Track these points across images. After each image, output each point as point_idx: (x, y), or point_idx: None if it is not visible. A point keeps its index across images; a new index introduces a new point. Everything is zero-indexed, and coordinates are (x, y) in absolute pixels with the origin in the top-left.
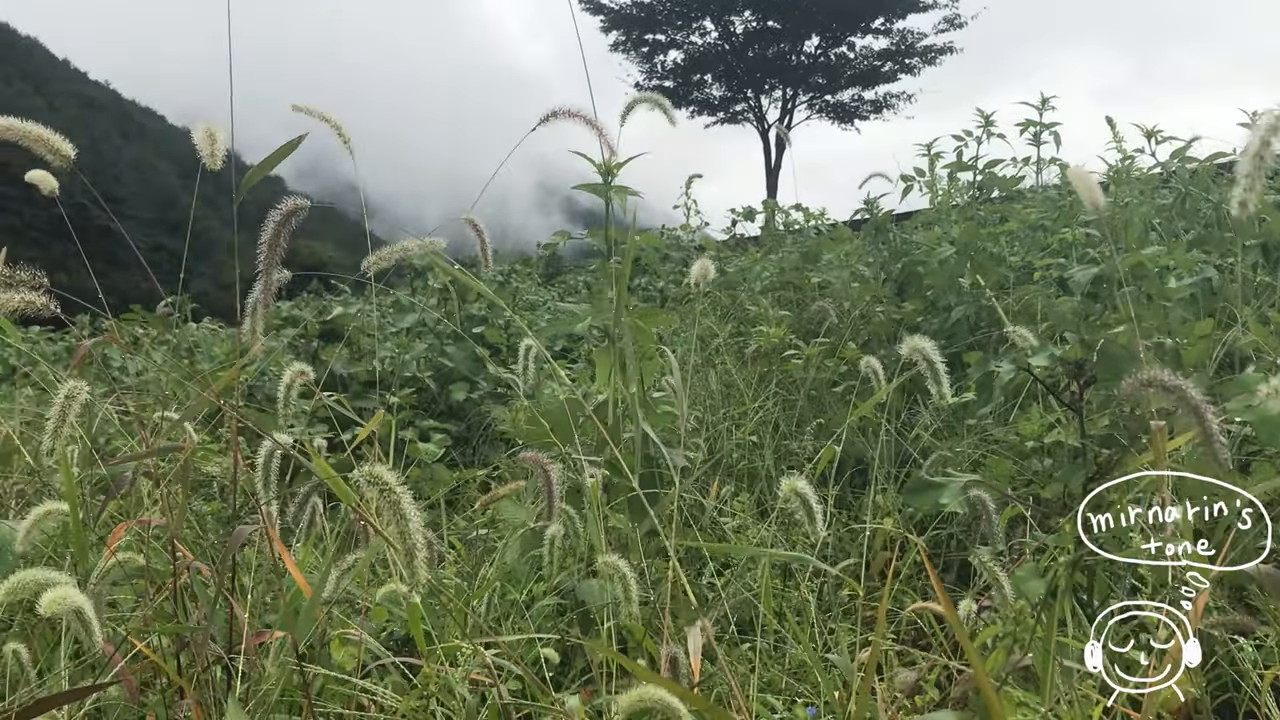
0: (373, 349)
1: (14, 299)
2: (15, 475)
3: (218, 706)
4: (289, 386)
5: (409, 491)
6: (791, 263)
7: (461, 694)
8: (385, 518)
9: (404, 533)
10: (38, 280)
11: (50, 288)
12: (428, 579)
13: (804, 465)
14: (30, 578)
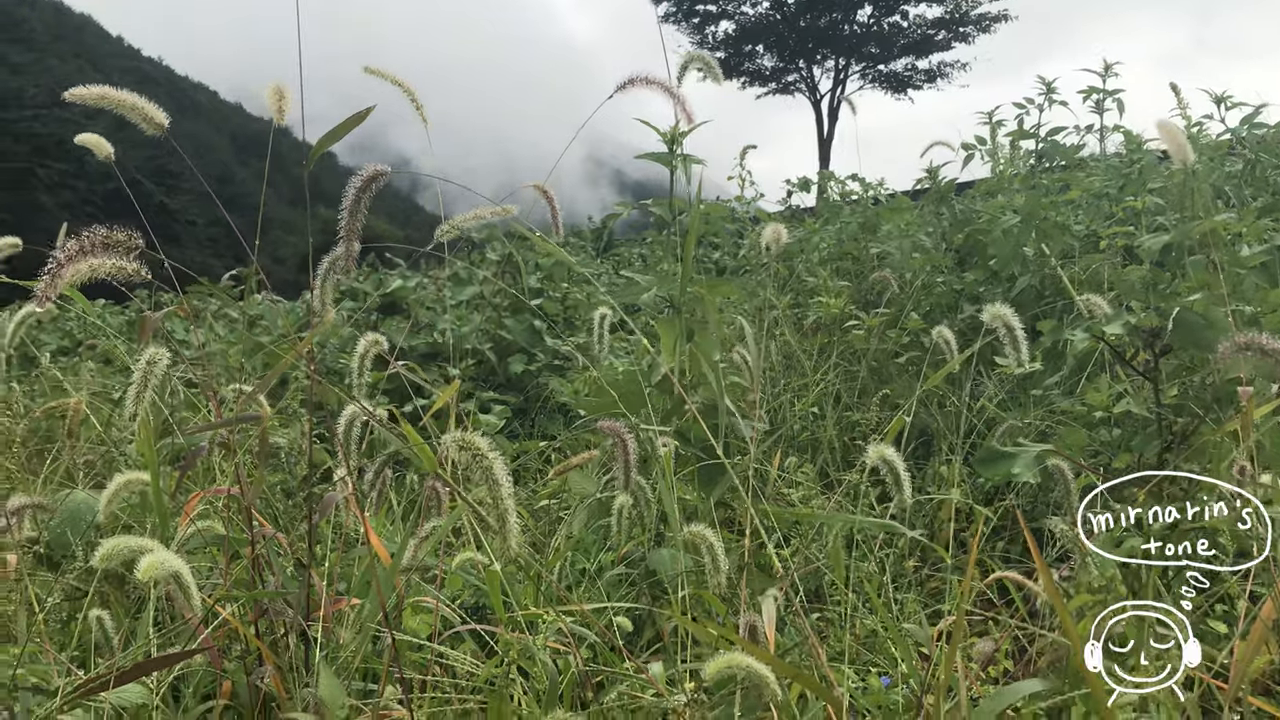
0: (431, 322)
1: (105, 264)
2: (82, 446)
3: (296, 673)
4: (363, 356)
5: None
6: (850, 233)
7: (543, 660)
8: (477, 483)
9: (496, 498)
10: (133, 241)
11: (145, 250)
12: (521, 543)
13: (869, 436)
14: (125, 544)
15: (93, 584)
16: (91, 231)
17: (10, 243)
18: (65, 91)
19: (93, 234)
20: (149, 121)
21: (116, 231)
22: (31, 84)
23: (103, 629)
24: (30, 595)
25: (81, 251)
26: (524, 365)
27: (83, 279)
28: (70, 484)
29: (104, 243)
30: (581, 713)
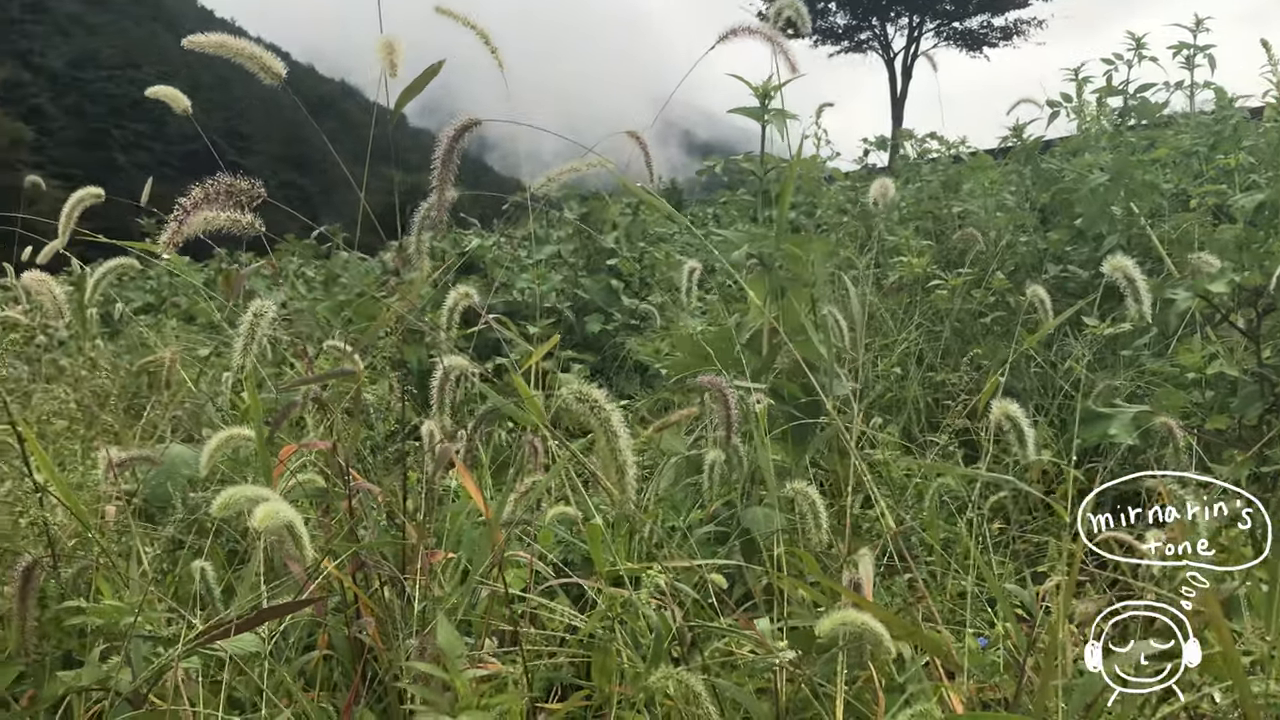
0: (508, 281)
1: (221, 216)
2: (169, 401)
3: (394, 625)
4: (451, 310)
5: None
6: (931, 192)
7: (647, 615)
8: (596, 435)
9: (614, 449)
10: (256, 191)
11: (268, 200)
12: (635, 496)
13: (955, 397)
14: (242, 493)
15: (190, 536)
16: (216, 180)
17: (93, 193)
18: (138, 51)
19: (217, 182)
20: (267, 71)
21: (240, 181)
22: (107, 45)
23: (205, 580)
24: (138, 547)
25: (206, 199)
26: (601, 325)
27: (201, 230)
28: (158, 439)
29: (228, 190)
30: (686, 667)
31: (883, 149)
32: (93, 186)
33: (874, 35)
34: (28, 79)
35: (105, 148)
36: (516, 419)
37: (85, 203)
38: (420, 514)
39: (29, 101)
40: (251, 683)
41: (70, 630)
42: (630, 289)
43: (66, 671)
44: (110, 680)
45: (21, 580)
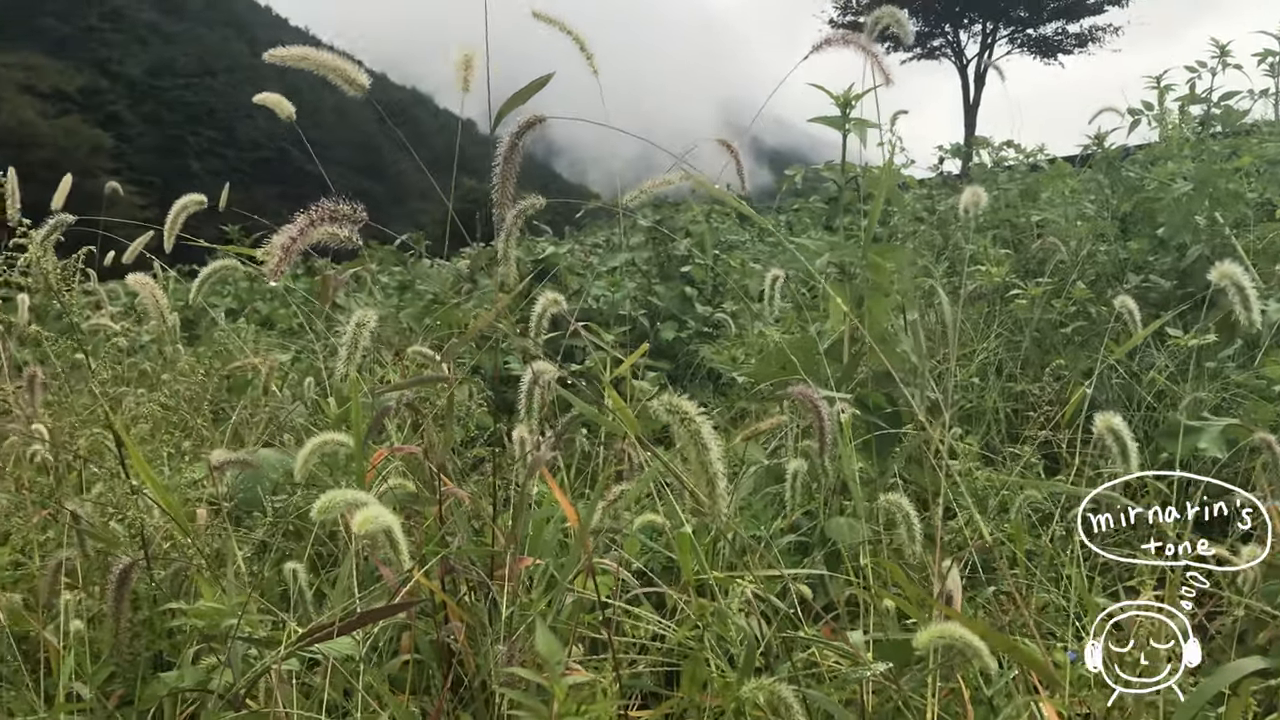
0: (581, 288)
1: (321, 231)
2: (250, 406)
3: (482, 630)
4: (540, 316)
5: (708, 421)
6: (1009, 200)
7: (739, 624)
8: (684, 447)
9: (704, 462)
10: (359, 215)
11: (367, 221)
12: (727, 509)
13: (1037, 407)
14: (341, 498)
15: (275, 539)
16: (320, 205)
17: (196, 199)
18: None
19: (321, 207)
20: (351, 83)
21: (342, 204)
22: (182, 53)
23: (297, 583)
24: (233, 549)
25: (312, 223)
26: (675, 332)
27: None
28: (240, 444)
29: (331, 215)
30: (778, 678)
31: (958, 156)
32: (195, 195)
33: (947, 42)
34: (106, 86)
35: (181, 155)
36: (605, 427)
37: (189, 209)
38: (509, 520)
39: (107, 109)
40: (338, 685)
41: (160, 631)
42: (703, 296)
43: (168, 673)
44: (211, 682)
45: (118, 582)
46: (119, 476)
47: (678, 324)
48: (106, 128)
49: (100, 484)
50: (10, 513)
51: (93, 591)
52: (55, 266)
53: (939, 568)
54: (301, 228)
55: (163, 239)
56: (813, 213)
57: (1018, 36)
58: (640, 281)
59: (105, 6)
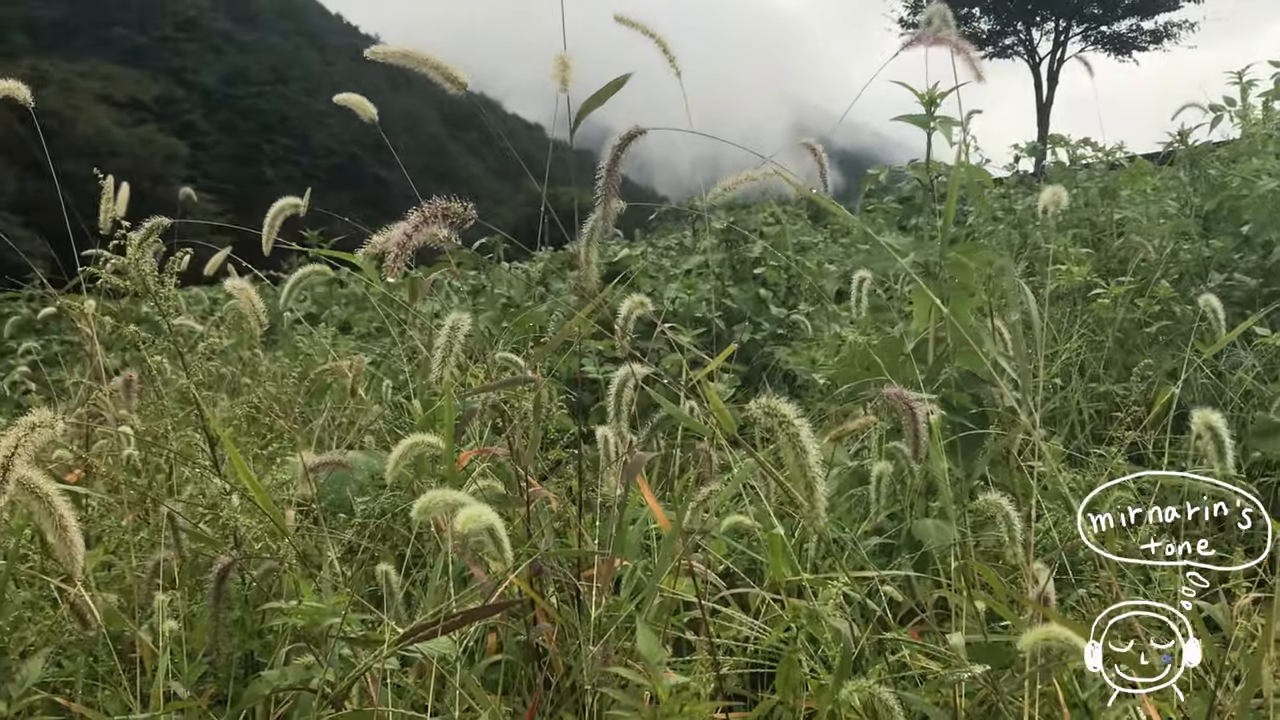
0: (655, 290)
1: (422, 233)
2: (332, 410)
3: (570, 631)
4: (627, 318)
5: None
6: (1088, 198)
7: (834, 626)
8: (782, 450)
9: (803, 465)
10: (468, 214)
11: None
12: (825, 512)
13: (1121, 408)
14: (440, 498)
15: (363, 540)
16: (430, 203)
17: (292, 203)
18: (285, 67)
19: (432, 206)
20: (452, 80)
21: (454, 204)
22: (256, 62)
23: (388, 583)
24: (328, 550)
25: (425, 221)
26: (750, 334)
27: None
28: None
29: (443, 214)
30: (876, 680)
31: (1033, 155)
32: (291, 198)
33: (1019, 40)
34: (181, 95)
35: (255, 162)
36: (693, 429)
37: (286, 212)
38: (592, 522)
39: (182, 117)
40: (429, 685)
41: (252, 631)
42: (778, 298)
43: (269, 672)
44: (312, 680)
45: (217, 581)
46: (211, 478)
47: (752, 326)
48: (182, 136)
49: (191, 485)
50: (102, 514)
51: (187, 592)
52: (153, 269)
53: (1030, 569)
54: (415, 225)
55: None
56: (886, 213)
57: (1091, 34)
58: (715, 284)
59: (180, 16)
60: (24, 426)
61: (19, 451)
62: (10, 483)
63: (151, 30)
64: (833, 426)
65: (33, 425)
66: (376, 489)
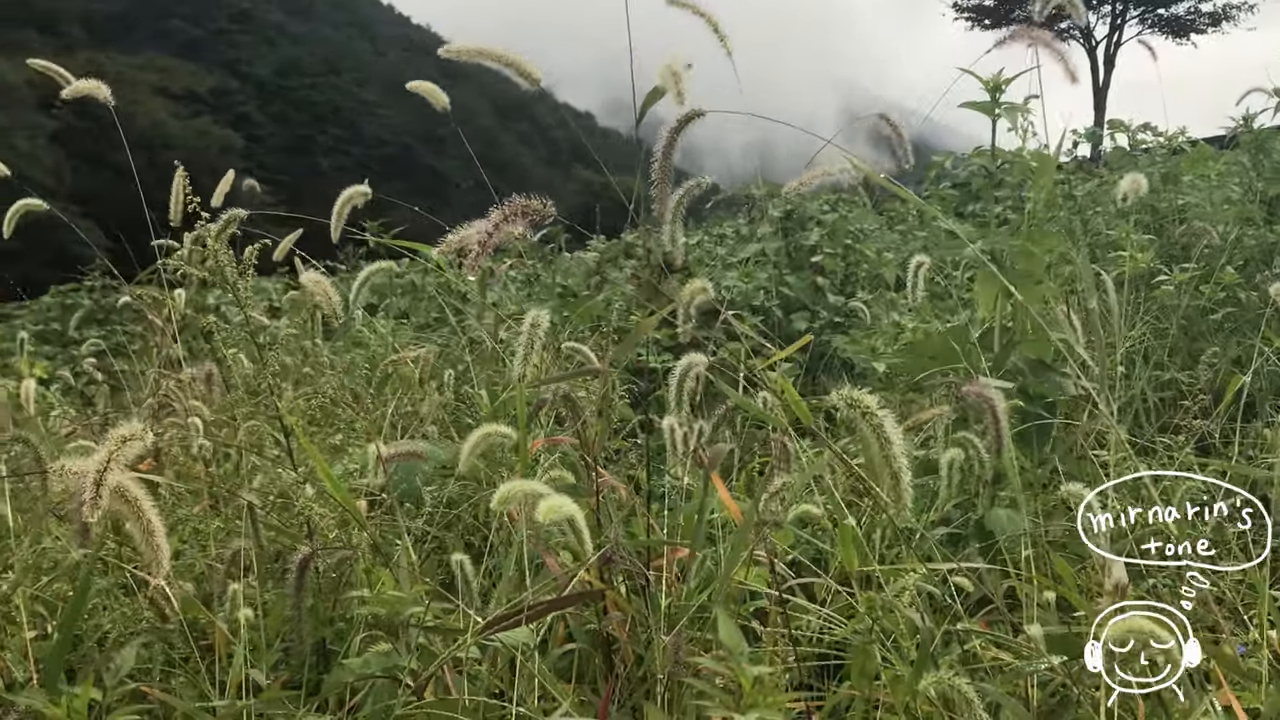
0: (710, 278)
1: (503, 231)
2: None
3: (640, 621)
4: (688, 304)
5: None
6: (1150, 184)
7: (910, 617)
8: (868, 441)
9: (888, 456)
10: (547, 210)
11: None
12: (909, 503)
13: (1187, 396)
14: (520, 488)
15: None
16: (510, 201)
17: (361, 191)
18: (341, 59)
19: (513, 203)
20: (526, 76)
21: (533, 201)
22: (309, 53)
23: (463, 572)
24: (405, 540)
25: (505, 219)
26: (807, 322)
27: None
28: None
29: (523, 210)
30: (954, 672)
31: (1091, 140)
32: (360, 186)
33: (1074, 23)
34: (235, 87)
35: (309, 153)
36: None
37: (353, 201)
38: (659, 511)
39: (237, 109)
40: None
41: (324, 619)
42: (835, 286)
43: (352, 659)
44: (396, 668)
45: (298, 571)
46: (282, 467)
47: (809, 314)
48: (236, 128)
49: (261, 475)
50: (174, 504)
51: (261, 581)
52: (230, 261)
53: (1107, 560)
54: (495, 223)
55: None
56: (944, 199)
57: (1149, 16)
58: (772, 272)
59: (234, 9)
60: (115, 440)
61: (111, 465)
62: (104, 497)
63: (206, 23)
64: (896, 416)
65: (124, 439)
66: (443, 478)
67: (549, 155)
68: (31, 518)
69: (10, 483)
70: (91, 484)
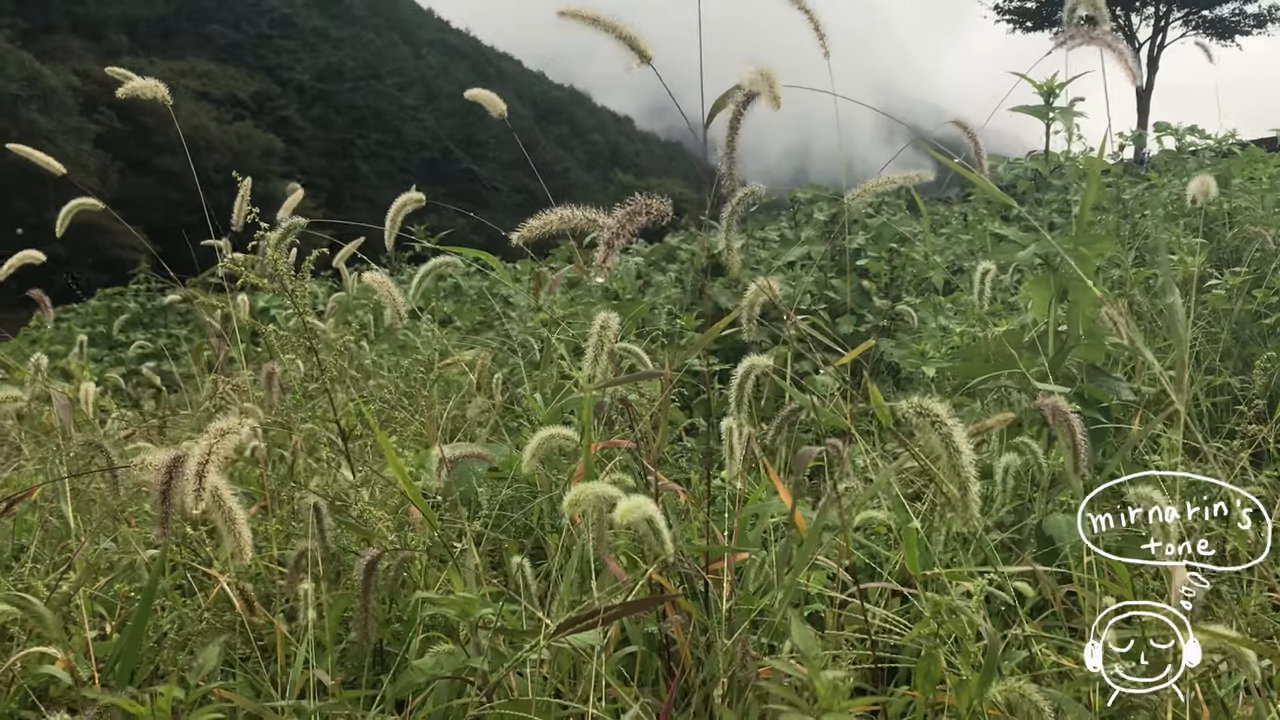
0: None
1: (630, 227)
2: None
3: (700, 625)
4: (751, 305)
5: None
6: None
7: (975, 621)
8: (935, 450)
9: (957, 465)
10: (666, 207)
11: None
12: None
13: (1240, 401)
14: (592, 490)
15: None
16: (636, 198)
17: (415, 198)
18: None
19: (636, 201)
20: (639, 52)
21: (654, 199)
22: (350, 58)
23: (524, 575)
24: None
25: (631, 217)
26: (853, 326)
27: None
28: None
29: (645, 208)
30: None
31: (1137, 143)
32: (415, 193)
33: (1118, 25)
34: (277, 92)
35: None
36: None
37: (409, 207)
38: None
39: (278, 113)
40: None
41: (381, 620)
42: (880, 290)
43: (422, 660)
44: (469, 669)
45: (366, 572)
46: (337, 470)
47: (855, 318)
48: (277, 131)
49: (317, 477)
50: None
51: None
52: (289, 267)
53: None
54: (621, 222)
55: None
56: (987, 203)
57: (1192, 18)
58: (817, 275)
59: (275, 14)
60: (214, 433)
61: (211, 458)
62: (207, 489)
63: (247, 28)
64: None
65: (222, 432)
66: (495, 481)
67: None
68: (92, 518)
69: (74, 483)
70: (195, 474)
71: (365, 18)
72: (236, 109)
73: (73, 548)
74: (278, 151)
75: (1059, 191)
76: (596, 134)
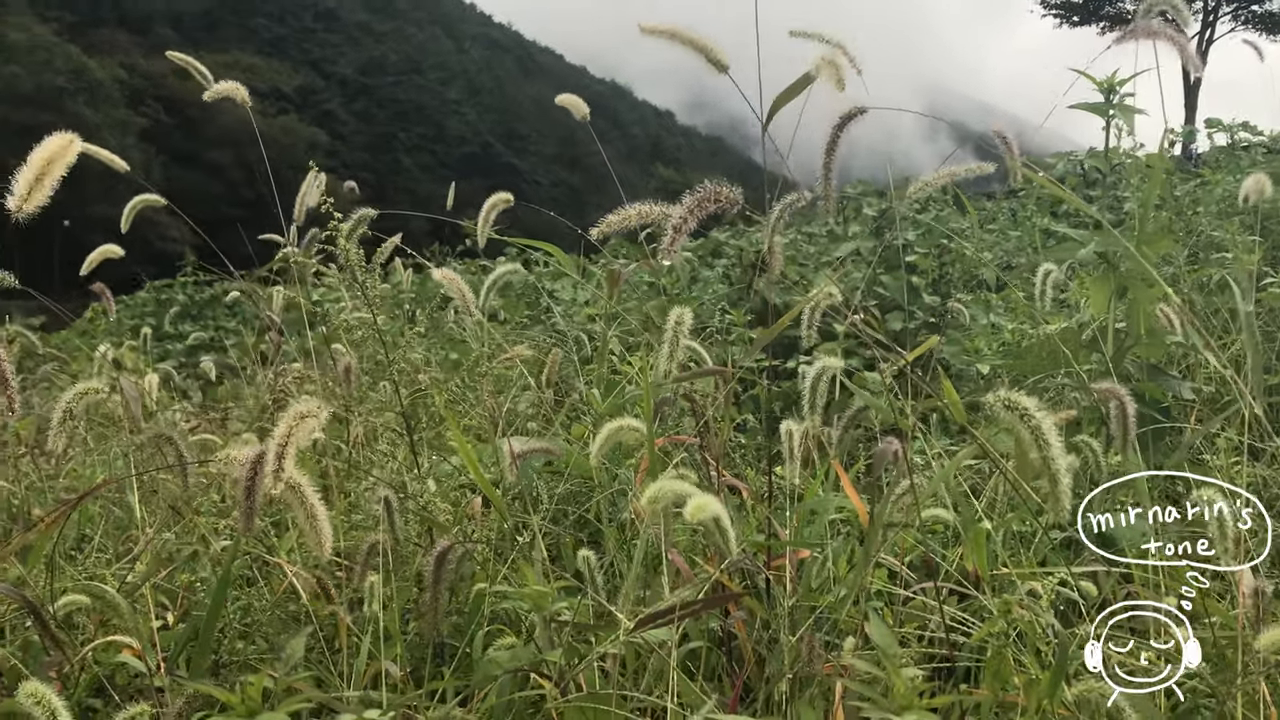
0: (801, 277)
1: (698, 214)
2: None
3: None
4: (814, 308)
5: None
6: None
7: (1047, 620)
8: (1025, 444)
9: (1047, 459)
10: (735, 195)
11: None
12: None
13: None
14: (669, 488)
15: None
16: (705, 186)
17: (504, 198)
18: (423, 59)
19: (706, 189)
20: (715, 62)
21: (724, 188)
22: (392, 51)
23: (590, 569)
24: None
25: (700, 204)
26: (903, 322)
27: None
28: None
29: (714, 196)
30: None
31: (1190, 139)
32: (502, 193)
33: (1166, 20)
34: (321, 85)
35: (391, 150)
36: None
37: (498, 207)
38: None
39: (322, 107)
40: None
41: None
42: (928, 286)
43: (499, 653)
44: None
45: (436, 564)
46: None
47: (904, 314)
48: (321, 125)
49: (378, 469)
50: None
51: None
52: (360, 259)
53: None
54: (690, 208)
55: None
56: (1038, 200)
57: (1241, 13)
58: (866, 272)
59: (319, 8)
60: (293, 416)
61: (291, 441)
62: (286, 471)
63: (291, 21)
64: None
65: (301, 415)
66: (550, 475)
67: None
68: (156, 509)
69: (138, 475)
70: (274, 457)
71: (408, 12)
72: (280, 102)
73: (135, 538)
74: (321, 144)
75: (1108, 188)
76: (636, 128)
